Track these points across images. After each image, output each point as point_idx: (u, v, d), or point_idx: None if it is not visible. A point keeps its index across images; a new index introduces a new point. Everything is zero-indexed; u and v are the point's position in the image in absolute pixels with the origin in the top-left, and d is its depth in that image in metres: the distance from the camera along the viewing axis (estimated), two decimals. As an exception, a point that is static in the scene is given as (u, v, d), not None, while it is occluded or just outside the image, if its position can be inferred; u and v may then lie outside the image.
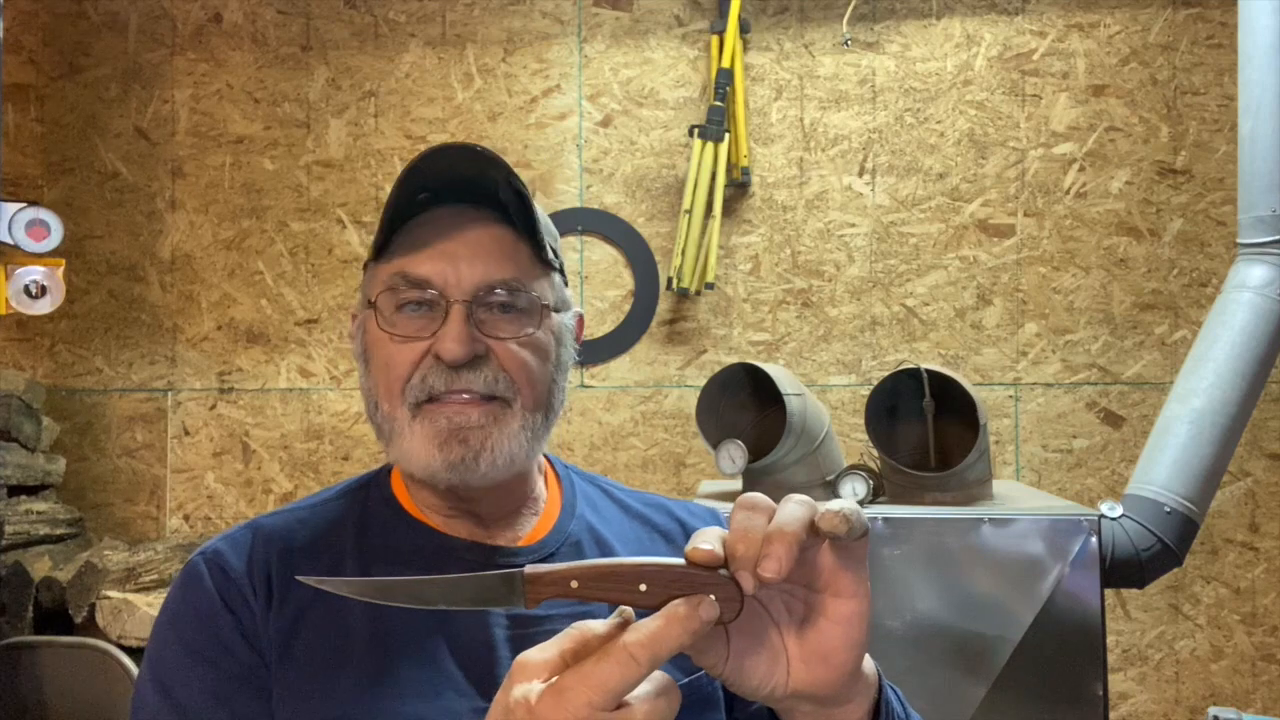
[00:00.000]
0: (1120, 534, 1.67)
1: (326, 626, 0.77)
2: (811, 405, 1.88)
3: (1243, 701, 2.45)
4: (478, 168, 0.78)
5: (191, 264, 2.65)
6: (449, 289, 0.78)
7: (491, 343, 0.79)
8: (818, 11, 2.57)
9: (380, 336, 0.80)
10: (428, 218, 0.80)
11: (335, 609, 0.78)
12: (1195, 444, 1.73)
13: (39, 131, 2.66)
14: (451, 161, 0.78)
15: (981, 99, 2.54)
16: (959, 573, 1.62)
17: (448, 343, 0.76)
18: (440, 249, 0.79)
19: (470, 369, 0.77)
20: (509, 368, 0.79)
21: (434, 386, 0.77)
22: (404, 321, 0.79)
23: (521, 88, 2.62)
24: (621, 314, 2.59)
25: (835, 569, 0.58)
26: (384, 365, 0.80)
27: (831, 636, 0.59)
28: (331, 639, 0.77)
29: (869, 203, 2.56)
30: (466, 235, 0.80)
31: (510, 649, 0.77)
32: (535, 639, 0.76)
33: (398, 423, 0.79)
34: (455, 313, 0.77)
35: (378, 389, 0.81)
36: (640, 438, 2.58)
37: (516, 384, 0.79)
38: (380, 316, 0.80)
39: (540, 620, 0.78)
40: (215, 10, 2.66)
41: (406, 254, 0.80)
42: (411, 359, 0.78)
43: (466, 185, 0.80)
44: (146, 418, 2.65)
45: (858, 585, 0.59)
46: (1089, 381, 2.52)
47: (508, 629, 0.79)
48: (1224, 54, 2.48)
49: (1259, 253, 1.82)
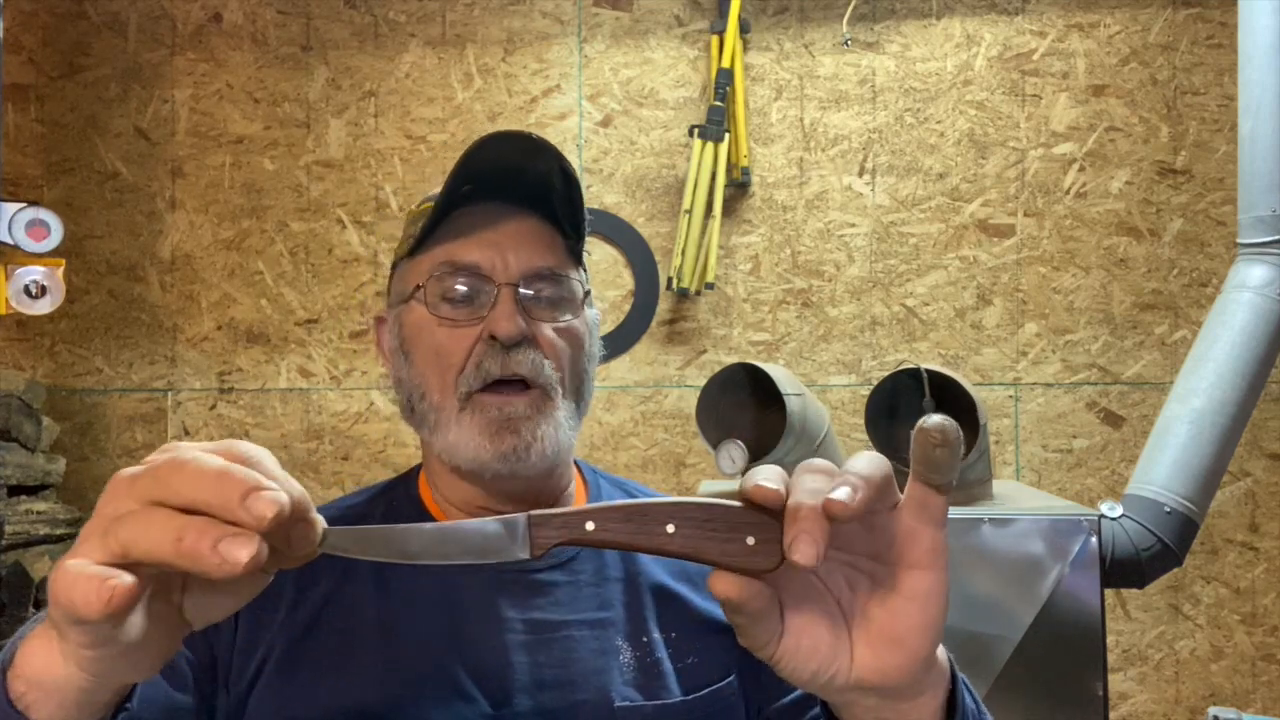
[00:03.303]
0: (1120, 534, 1.67)
1: (336, 632, 0.76)
2: (811, 405, 1.88)
3: (1243, 701, 2.45)
4: (528, 156, 0.78)
5: (191, 264, 2.65)
6: (497, 273, 0.78)
7: (536, 329, 0.79)
8: (818, 11, 2.57)
9: (428, 323, 0.79)
10: (467, 211, 0.81)
11: (347, 610, 0.77)
12: (1195, 444, 1.73)
13: (39, 131, 2.66)
14: (501, 151, 0.78)
15: (981, 99, 2.54)
16: (959, 573, 1.62)
17: (502, 321, 0.76)
18: (484, 238, 0.79)
19: (520, 351, 0.77)
20: (551, 355, 0.79)
21: (489, 370, 0.77)
22: (452, 309, 0.79)
23: (521, 88, 2.62)
24: (621, 314, 2.59)
25: (910, 534, 0.50)
26: (434, 353, 0.79)
27: (904, 616, 0.51)
28: (339, 645, 0.75)
29: (869, 203, 2.56)
30: (508, 225, 0.80)
31: (526, 655, 0.75)
32: (553, 645, 0.76)
33: (445, 413, 0.78)
34: (506, 293, 0.77)
35: (427, 379, 0.79)
36: (640, 438, 2.58)
37: (559, 374, 0.79)
38: (428, 304, 0.79)
39: (558, 626, 0.77)
40: (215, 10, 2.66)
41: (449, 243, 0.80)
42: (465, 345, 0.78)
43: (513, 175, 0.79)
44: (146, 418, 2.65)
45: (936, 554, 0.50)
46: (1089, 381, 2.52)
47: (523, 633, 0.76)
48: (1224, 54, 2.48)
49: (1259, 253, 1.82)
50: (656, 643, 0.78)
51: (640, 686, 0.76)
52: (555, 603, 0.78)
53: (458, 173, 0.78)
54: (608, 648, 0.77)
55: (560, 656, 0.76)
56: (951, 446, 0.48)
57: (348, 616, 0.76)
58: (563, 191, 0.80)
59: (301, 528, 0.49)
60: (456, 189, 0.79)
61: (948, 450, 0.48)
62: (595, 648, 0.77)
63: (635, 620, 0.79)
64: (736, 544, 0.49)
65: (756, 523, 0.49)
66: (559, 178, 0.79)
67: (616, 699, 0.75)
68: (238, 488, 0.45)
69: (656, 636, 0.79)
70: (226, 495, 0.44)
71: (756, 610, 0.50)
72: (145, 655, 0.49)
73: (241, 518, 0.44)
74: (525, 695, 0.74)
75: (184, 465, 0.45)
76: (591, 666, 0.76)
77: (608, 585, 0.81)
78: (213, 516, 0.44)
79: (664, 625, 0.80)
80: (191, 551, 0.43)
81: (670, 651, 0.78)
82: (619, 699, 0.75)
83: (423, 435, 0.81)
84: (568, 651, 0.76)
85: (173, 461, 0.46)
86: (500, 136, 0.78)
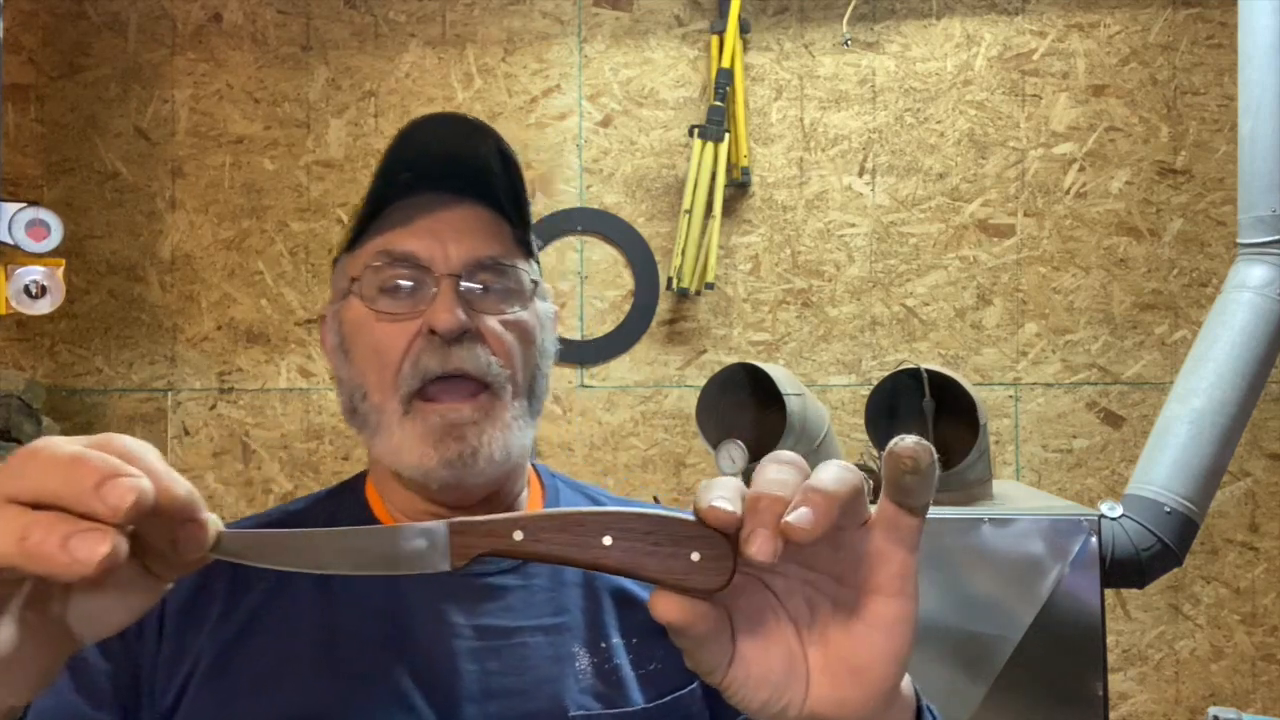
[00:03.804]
0: (1120, 534, 1.67)
1: (271, 639, 0.71)
2: (811, 405, 1.88)
3: (1243, 701, 2.45)
4: (465, 140, 0.74)
5: (191, 264, 2.65)
6: (436, 264, 0.74)
7: (479, 322, 0.74)
8: (818, 11, 2.57)
9: (365, 319, 0.75)
10: (406, 203, 0.76)
11: (284, 616, 0.72)
12: (1195, 444, 1.73)
13: (39, 131, 2.66)
14: (438, 135, 0.74)
15: (981, 99, 2.54)
16: (959, 573, 1.62)
17: (441, 313, 0.71)
18: (424, 226, 0.75)
19: (462, 346, 0.72)
20: (497, 350, 0.74)
21: (428, 368, 0.72)
22: (390, 302, 0.74)
23: (521, 88, 2.62)
24: (621, 314, 2.59)
25: (879, 556, 0.47)
26: (372, 351, 0.74)
27: (867, 645, 0.47)
28: (274, 653, 0.70)
29: (869, 203, 2.56)
30: (450, 214, 0.76)
31: (475, 662, 0.71)
32: (504, 652, 0.72)
33: (387, 415, 0.73)
34: (446, 285, 0.73)
35: (366, 378, 0.75)
36: (640, 438, 2.58)
37: (506, 369, 0.74)
38: (364, 297, 0.75)
39: (510, 632, 0.72)
40: (215, 10, 2.66)
41: (387, 233, 0.75)
42: (403, 341, 0.73)
43: (451, 162, 0.75)
44: (146, 418, 2.65)
45: (905, 579, 0.47)
46: (1089, 381, 2.52)
47: (472, 640, 0.72)
48: (1224, 54, 2.48)
49: (1259, 253, 1.82)
50: (616, 648, 0.74)
51: (598, 694, 0.72)
52: (507, 608, 0.74)
53: (393, 159, 0.74)
54: (563, 654, 0.73)
55: (512, 664, 0.72)
56: (923, 474, 0.45)
57: (284, 622, 0.72)
58: (503, 176, 0.76)
59: (190, 529, 0.44)
60: (393, 177, 0.75)
61: (919, 478, 0.45)
62: (550, 654, 0.73)
63: (593, 625, 0.75)
64: (680, 560, 0.45)
65: (703, 536, 0.45)
66: (497, 160, 0.75)
67: (572, 708, 0.71)
68: (91, 475, 0.39)
69: (616, 642, 0.75)
70: (78, 483, 0.39)
71: (701, 635, 0.46)
72: (21, 673, 0.44)
73: (95, 508, 0.39)
74: (473, 705, 0.70)
75: (36, 454, 0.41)
76: (545, 674, 0.72)
77: (564, 589, 0.76)
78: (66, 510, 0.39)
79: (625, 630, 0.76)
80: (37, 551, 0.38)
81: (631, 657, 0.74)
82: (574, 708, 0.71)
83: (365, 438, 0.76)
84: (520, 659, 0.72)
85: (26, 451, 0.41)
86: (435, 119, 0.74)
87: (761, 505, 0.44)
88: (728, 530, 0.44)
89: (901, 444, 0.45)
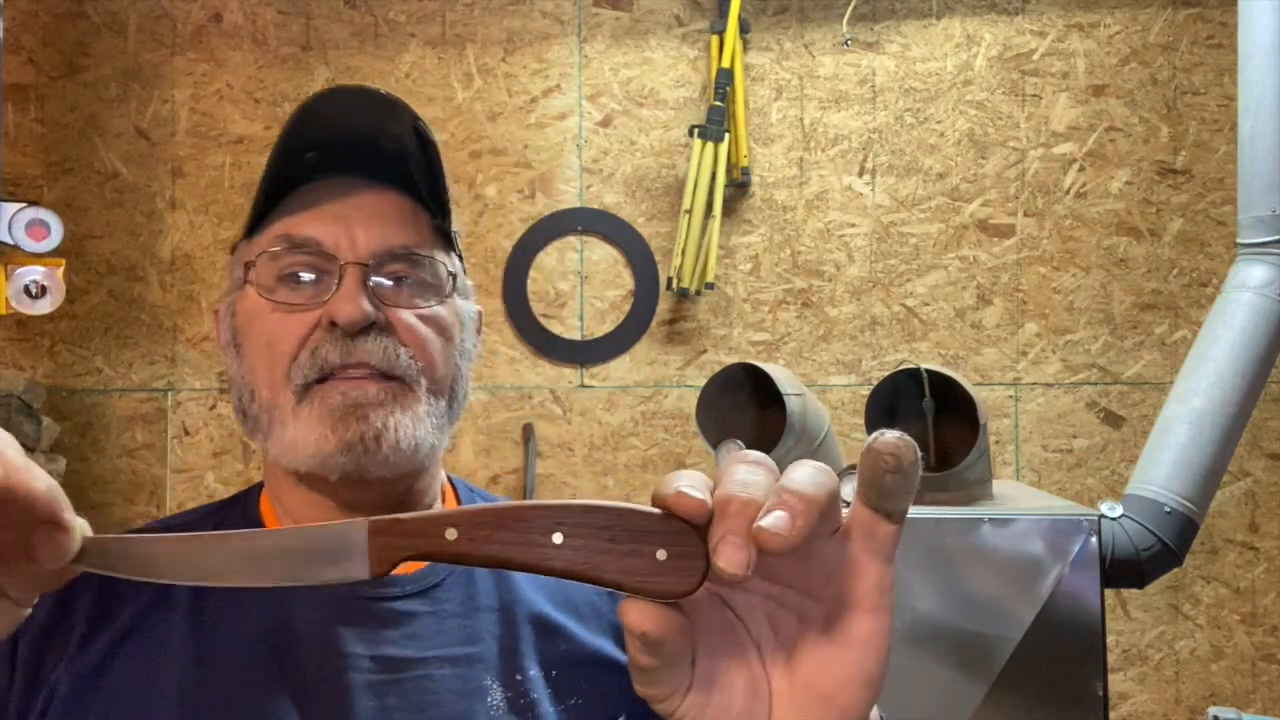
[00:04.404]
0: (1120, 534, 1.67)
1: (134, 670, 0.62)
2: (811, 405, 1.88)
3: (1243, 701, 2.45)
4: (379, 119, 0.68)
5: (191, 264, 2.65)
6: (342, 251, 0.66)
7: (390, 314, 0.67)
8: (818, 11, 2.57)
9: (259, 309, 0.68)
10: (311, 186, 0.70)
11: (152, 643, 0.63)
12: (1195, 444, 1.73)
13: (39, 131, 2.66)
14: (348, 111, 0.68)
15: (981, 99, 2.54)
16: (959, 573, 1.62)
17: (343, 304, 0.64)
18: (329, 210, 0.68)
19: (368, 338, 0.65)
20: (409, 342, 0.67)
21: (326, 359, 0.65)
22: (288, 293, 0.67)
23: (521, 88, 2.62)
24: (621, 314, 2.59)
25: (852, 567, 0.41)
26: (264, 343, 0.67)
27: (838, 667, 0.42)
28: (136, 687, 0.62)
29: (869, 203, 2.56)
30: (360, 199, 0.69)
31: (373, 698, 0.62)
32: (406, 686, 0.63)
33: (280, 410, 0.66)
34: (350, 274, 0.65)
35: (255, 373, 0.68)
36: (640, 438, 2.58)
37: (419, 362, 0.67)
38: (260, 286, 0.68)
39: (413, 664, 0.64)
40: (215, 10, 2.66)
41: (289, 217, 0.69)
42: (299, 333, 0.66)
43: (363, 143, 0.69)
44: (146, 418, 2.65)
45: (880, 594, 0.41)
46: (1089, 381, 2.52)
47: (370, 672, 0.64)
48: (1224, 54, 2.48)
49: (1259, 253, 1.82)
50: (534, 681, 0.66)
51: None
52: (412, 636, 0.66)
53: (295, 136, 0.68)
54: (473, 688, 0.65)
55: (414, 699, 0.63)
56: (905, 473, 0.39)
57: (151, 650, 0.63)
58: (419, 159, 0.69)
59: (49, 532, 0.37)
60: (297, 156, 0.69)
61: (901, 477, 0.39)
62: (458, 688, 0.65)
63: (509, 656, 0.67)
64: (644, 559, 0.39)
65: (670, 531, 0.39)
66: (413, 140, 0.68)
67: None
68: None
69: (534, 674, 0.67)
70: None
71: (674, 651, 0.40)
72: None
73: None
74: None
75: None
76: (452, 710, 0.64)
77: (478, 616, 0.68)
78: None
79: (543, 661, 0.68)
80: None
81: (550, 691, 0.66)
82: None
83: (257, 443, 0.69)
84: (424, 693, 0.64)
85: None
86: (344, 92, 0.69)
87: (731, 509, 0.38)
88: (696, 521, 0.39)
89: (882, 439, 0.40)
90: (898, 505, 0.40)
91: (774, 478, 0.41)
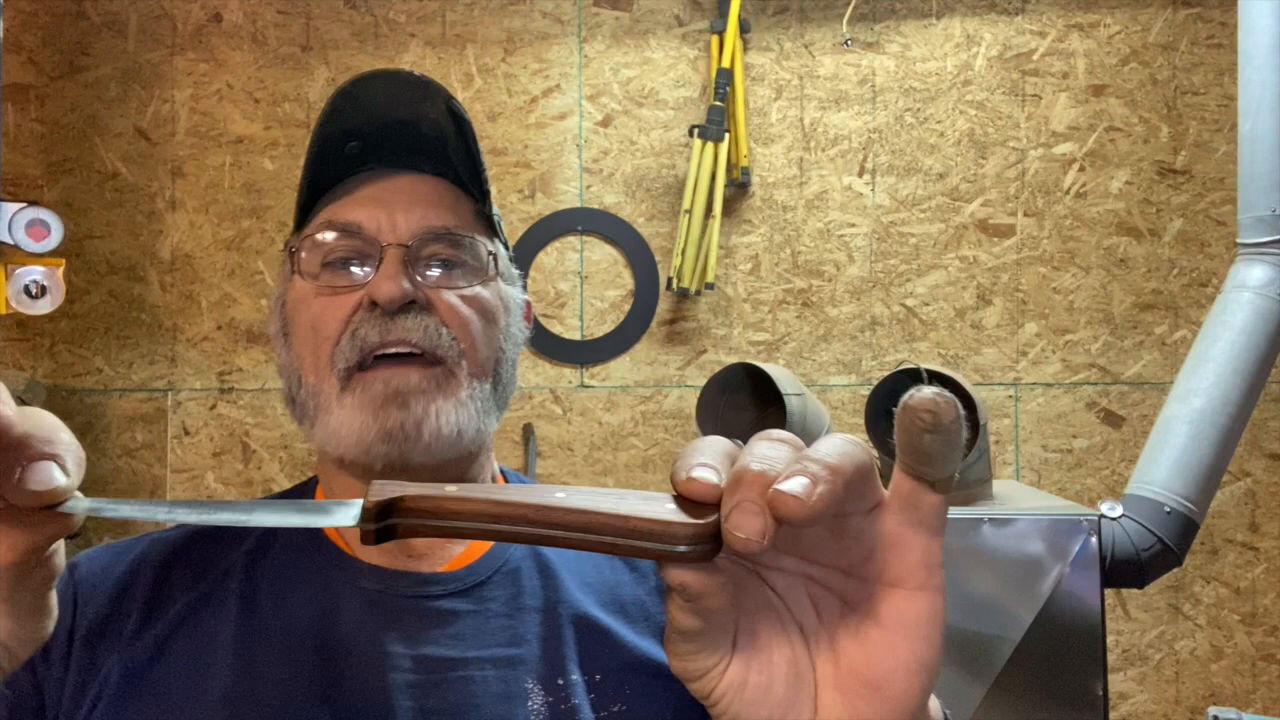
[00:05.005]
0: (1120, 534, 1.67)
1: (182, 664, 0.63)
2: (811, 405, 1.88)
3: (1243, 701, 2.45)
4: (414, 104, 0.69)
5: (191, 264, 2.65)
6: (383, 234, 0.67)
7: (432, 294, 0.67)
8: (818, 11, 2.57)
9: (305, 295, 0.69)
10: (355, 176, 0.71)
11: (203, 633, 0.64)
12: (1195, 444, 1.73)
13: (39, 131, 2.66)
14: (383, 97, 0.69)
15: (981, 99, 2.54)
16: (959, 573, 1.62)
17: (382, 282, 0.65)
18: (370, 195, 0.69)
19: (408, 316, 0.65)
20: (450, 322, 0.67)
21: (366, 338, 0.65)
22: (331, 276, 0.68)
23: (521, 88, 2.62)
24: (621, 314, 2.59)
25: (895, 542, 0.38)
26: (309, 328, 0.68)
27: (886, 652, 0.39)
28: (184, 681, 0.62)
29: (869, 203, 2.56)
30: (400, 183, 0.70)
31: (412, 699, 0.62)
32: (447, 688, 0.62)
33: (324, 397, 0.67)
34: (390, 254, 0.66)
35: (302, 359, 0.69)
36: (640, 438, 2.58)
37: (460, 343, 0.67)
38: (305, 273, 0.69)
39: (455, 664, 0.63)
40: (215, 10, 2.66)
41: (333, 204, 0.70)
42: (341, 314, 0.66)
43: (402, 130, 0.70)
44: (146, 418, 2.65)
45: (929, 570, 0.38)
46: (1089, 381, 2.52)
47: (410, 672, 0.63)
48: (1224, 54, 2.48)
49: (1259, 253, 1.82)
50: (575, 686, 0.64)
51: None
52: (455, 636, 0.65)
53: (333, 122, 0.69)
54: (514, 691, 0.63)
55: (455, 701, 0.62)
56: (944, 431, 0.35)
57: (202, 641, 0.64)
58: (456, 140, 0.69)
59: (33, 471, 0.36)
60: (337, 144, 0.70)
61: (940, 437, 0.35)
62: (499, 691, 0.63)
63: (551, 659, 0.65)
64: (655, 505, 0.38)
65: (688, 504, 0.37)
66: (449, 122, 0.69)
67: None
68: None
69: (576, 679, 0.64)
70: None
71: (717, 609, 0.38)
72: None
73: None
74: None
75: None
76: (491, 713, 0.62)
77: (522, 616, 0.67)
78: None
79: (586, 665, 0.65)
80: None
81: (592, 697, 0.64)
82: None
83: (305, 430, 0.69)
84: (464, 695, 0.62)
85: None
86: (379, 78, 0.68)
87: (746, 479, 0.36)
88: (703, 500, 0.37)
89: (917, 395, 0.35)
90: (940, 470, 0.36)
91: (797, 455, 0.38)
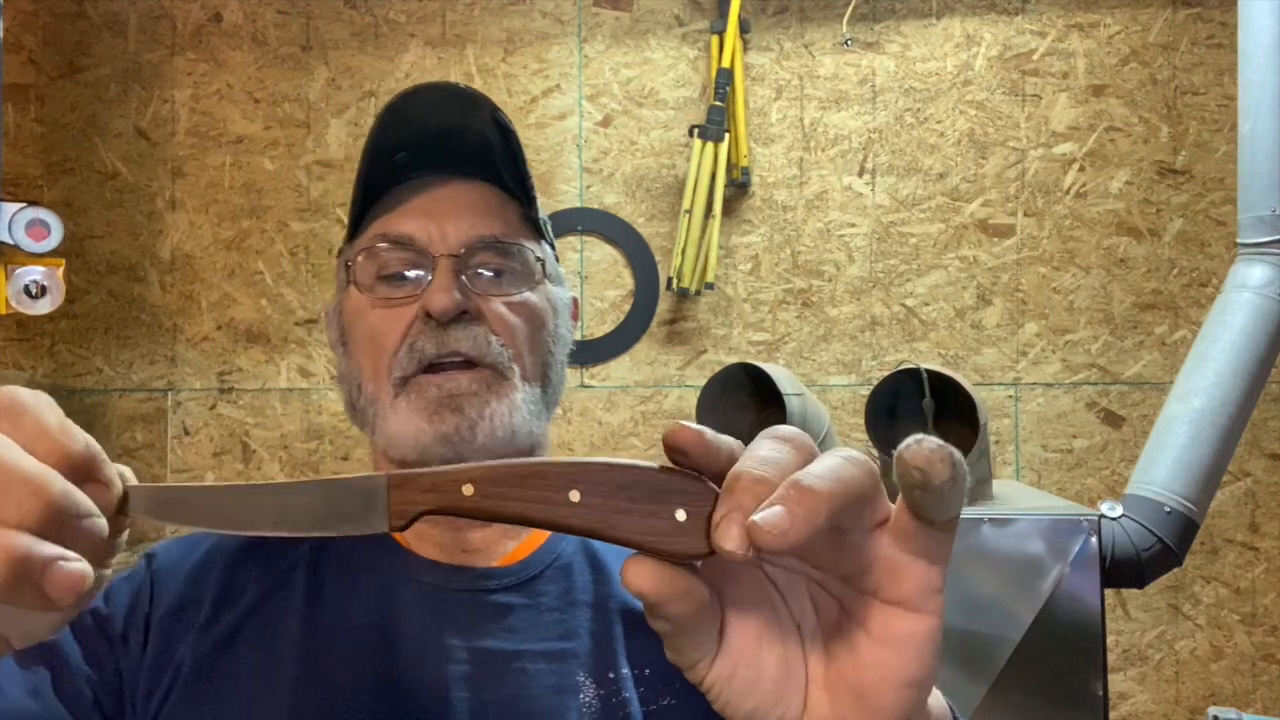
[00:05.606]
0: (1120, 534, 1.67)
1: (250, 654, 0.66)
2: (811, 405, 1.88)
3: (1243, 701, 2.45)
4: (461, 114, 0.71)
5: (191, 264, 2.65)
6: (434, 244, 0.70)
7: (482, 303, 0.70)
8: (818, 11, 2.57)
9: (361, 306, 0.71)
10: (404, 186, 0.73)
11: (270, 624, 0.66)
12: (1195, 444, 1.73)
13: (39, 131, 2.66)
14: (430, 108, 0.71)
15: (981, 99, 2.54)
16: (959, 573, 1.62)
17: (435, 294, 0.67)
18: (421, 207, 0.71)
19: (460, 327, 0.68)
20: (499, 331, 0.70)
21: (424, 351, 0.68)
22: (387, 288, 0.71)
23: (521, 88, 2.62)
24: (621, 314, 2.59)
25: (892, 564, 0.38)
26: (368, 339, 0.71)
27: (874, 664, 0.39)
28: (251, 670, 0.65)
29: (869, 203, 2.56)
30: (449, 192, 0.72)
31: (468, 690, 0.63)
32: (502, 680, 0.64)
33: (381, 403, 0.70)
34: (442, 266, 0.69)
35: (361, 368, 0.72)
36: (640, 438, 2.58)
37: (511, 350, 0.70)
38: (361, 285, 0.72)
39: (510, 657, 0.65)
40: (215, 10, 2.66)
41: (385, 216, 0.72)
42: (399, 327, 0.69)
43: (449, 140, 0.72)
44: (146, 418, 2.65)
45: (927, 594, 0.39)
46: (1089, 381, 2.52)
47: (467, 664, 0.64)
48: (1224, 54, 2.48)
49: (1259, 253, 1.82)
50: (625, 680, 0.65)
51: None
52: (509, 629, 0.66)
53: (384, 137, 0.71)
54: (567, 684, 0.65)
55: (509, 693, 0.64)
56: (935, 491, 0.35)
57: (270, 632, 0.66)
58: (502, 148, 0.72)
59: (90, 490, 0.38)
60: (387, 158, 0.72)
61: (931, 495, 0.36)
62: (552, 684, 0.64)
63: (602, 653, 0.66)
64: (662, 520, 0.38)
65: (690, 492, 0.38)
66: (495, 133, 0.71)
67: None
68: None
69: (625, 673, 0.66)
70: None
71: (681, 615, 0.38)
72: None
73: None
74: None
75: None
76: (545, 706, 0.64)
77: (574, 610, 0.68)
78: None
79: (635, 660, 0.66)
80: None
81: (641, 691, 0.65)
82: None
83: (367, 435, 0.73)
84: (519, 688, 0.64)
85: None
86: (426, 91, 0.71)
87: (739, 486, 0.36)
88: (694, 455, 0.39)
89: (911, 450, 0.36)
90: (941, 515, 0.37)
91: (801, 459, 0.38)
